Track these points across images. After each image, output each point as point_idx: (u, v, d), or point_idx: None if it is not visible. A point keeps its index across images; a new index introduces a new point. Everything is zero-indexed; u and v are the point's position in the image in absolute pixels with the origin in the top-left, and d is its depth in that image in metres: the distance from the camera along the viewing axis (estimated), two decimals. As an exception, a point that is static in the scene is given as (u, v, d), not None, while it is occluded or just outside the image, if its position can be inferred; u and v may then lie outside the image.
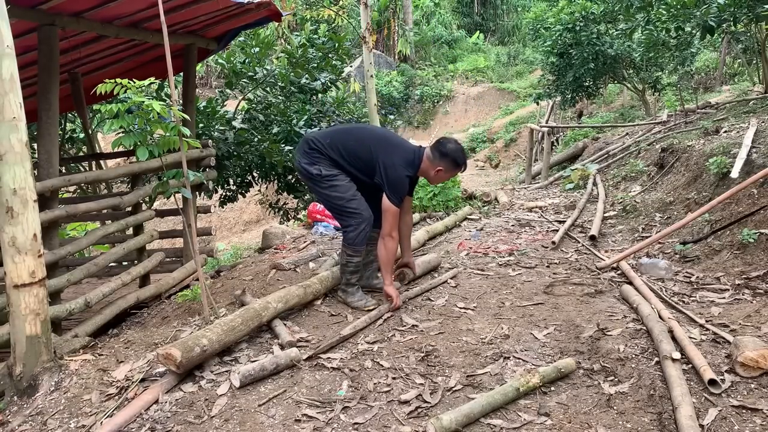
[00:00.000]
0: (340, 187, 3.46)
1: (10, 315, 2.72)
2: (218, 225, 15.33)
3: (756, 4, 5.28)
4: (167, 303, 4.85)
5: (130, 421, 2.40)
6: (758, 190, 4.17)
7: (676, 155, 6.09)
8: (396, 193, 3.39)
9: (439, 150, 3.44)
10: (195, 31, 5.53)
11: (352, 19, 14.40)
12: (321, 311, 3.48)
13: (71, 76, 6.09)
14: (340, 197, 3.46)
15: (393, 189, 3.38)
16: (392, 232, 3.44)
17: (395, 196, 3.38)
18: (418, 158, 3.48)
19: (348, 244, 3.49)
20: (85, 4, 4.17)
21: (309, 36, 8.64)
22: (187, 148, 3.40)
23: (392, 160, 3.40)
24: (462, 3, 27.12)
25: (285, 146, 7.91)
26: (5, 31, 2.58)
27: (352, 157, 3.48)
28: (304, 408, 2.43)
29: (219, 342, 2.79)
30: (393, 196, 3.38)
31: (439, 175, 3.51)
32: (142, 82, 3.19)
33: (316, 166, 3.47)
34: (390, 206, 3.39)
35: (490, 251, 4.63)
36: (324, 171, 3.47)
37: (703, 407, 2.25)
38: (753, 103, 7.65)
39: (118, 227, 5.08)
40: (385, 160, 3.39)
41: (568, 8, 10.44)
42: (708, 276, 3.72)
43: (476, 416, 2.26)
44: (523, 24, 21.21)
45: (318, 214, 5.99)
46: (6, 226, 2.63)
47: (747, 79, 11.58)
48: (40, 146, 4.17)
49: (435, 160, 3.45)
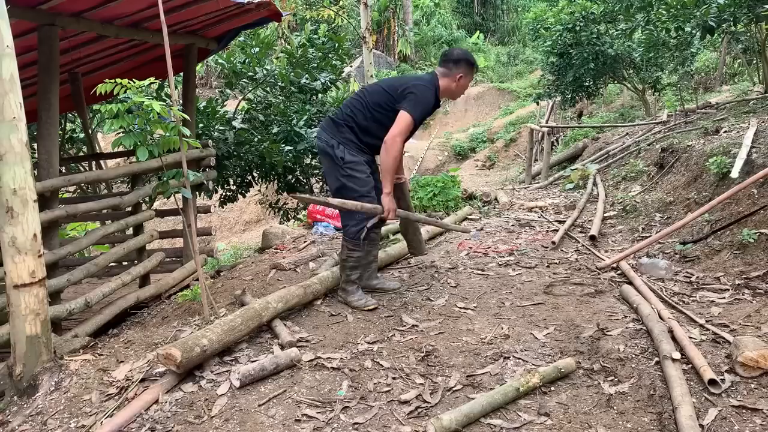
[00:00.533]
0: (358, 180, 3.39)
1: (10, 315, 2.72)
2: (218, 225, 15.33)
3: (756, 4, 5.28)
4: (167, 303, 4.85)
5: (130, 421, 2.40)
6: (758, 190, 4.17)
7: (676, 155, 6.09)
8: (417, 108, 3.31)
9: (451, 60, 3.45)
10: (195, 31, 5.53)
11: (352, 19, 14.40)
12: (321, 311, 3.48)
13: (71, 76, 6.09)
14: (354, 190, 3.39)
15: (416, 104, 3.31)
16: (398, 137, 3.29)
17: (416, 110, 3.30)
18: (435, 81, 3.45)
19: (349, 238, 3.46)
20: (85, 4, 4.17)
21: (309, 36, 8.63)
22: (187, 148, 3.40)
23: (419, 83, 3.38)
24: (462, 3, 27.12)
25: (285, 146, 7.91)
26: (5, 31, 2.58)
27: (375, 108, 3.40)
28: (304, 408, 2.43)
29: (219, 342, 2.79)
30: (414, 110, 3.30)
31: (462, 83, 3.48)
32: (142, 82, 3.19)
33: (342, 147, 3.41)
34: (406, 115, 3.30)
35: (490, 251, 4.63)
36: (348, 156, 3.39)
37: (703, 407, 2.25)
38: (753, 103, 7.65)
39: (118, 227, 5.08)
40: (412, 86, 3.35)
41: (568, 8, 10.44)
42: (708, 276, 3.72)
43: (476, 416, 2.26)
44: (523, 24, 21.20)
45: (318, 214, 5.98)
46: (6, 226, 2.63)
47: (747, 79, 11.58)
48: (40, 146, 4.17)
49: (452, 69, 3.44)
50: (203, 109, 7.84)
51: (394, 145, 3.30)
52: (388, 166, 3.32)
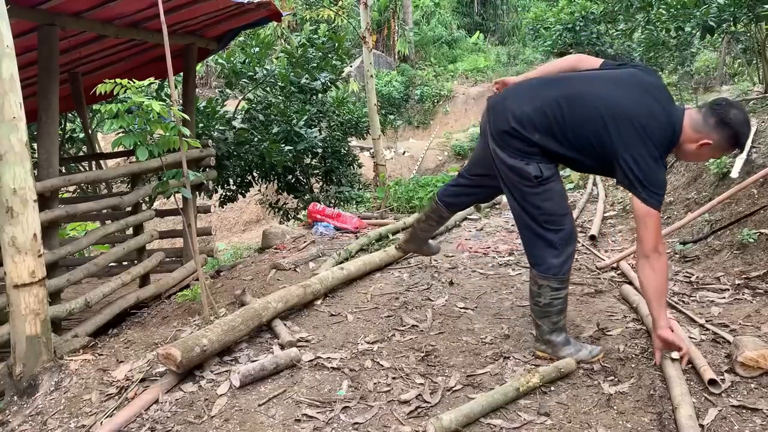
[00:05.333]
0: (557, 195, 2.54)
1: (10, 315, 2.72)
2: (218, 225, 15.33)
3: (756, 4, 5.28)
4: (167, 303, 4.85)
5: (130, 421, 2.40)
6: (758, 190, 4.17)
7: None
8: (654, 190, 2.33)
9: (718, 115, 2.35)
10: (195, 31, 5.53)
11: (352, 19, 14.39)
12: (321, 311, 3.48)
13: (71, 76, 6.09)
14: (552, 210, 2.53)
15: (649, 185, 2.32)
16: (658, 246, 2.37)
17: (653, 195, 2.33)
18: (678, 129, 2.39)
19: (552, 274, 2.55)
20: (85, 4, 4.17)
21: (309, 36, 8.64)
22: (187, 148, 3.40)
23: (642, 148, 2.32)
24: (462, 3, 27.10)
25: (285, 146, 7.91)
26: (5, 31, 2.59)
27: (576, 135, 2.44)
28: (304, 408, 2.43)
29: (219, 342, 2.79)
30: (650, 197, 2.33)
31: (702, 152, 2.43)
32: (142, 82, 3.20)
33: (534, 163, 2.48)
34: (648, 210, 2.34)
35: (490, 251, 4.63)
36: (544, 171, 2.49)
37: (703, 407, 2.25)
38: (753, 103, 7.64)
39: (118, 227, 5.08)
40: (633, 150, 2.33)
41: (568, 8, 10.45)
42: (708, 276, 3.72)
43: (476, 416, 2.26)
44: (523, 24, 21.18)
45: (318, 214, 5.97)
46: (6, 226, 2.63)
47: (747, 79, 11.57)
48: (40, 146, 4.17)
49: (705, 128, 2.37)
50: (203, 109, 7.84)
51: (658, 259, 2.37)
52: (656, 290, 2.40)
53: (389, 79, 21.45)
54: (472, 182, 3.08)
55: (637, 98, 2.40)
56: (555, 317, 2.65)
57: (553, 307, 2.62)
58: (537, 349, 2.75)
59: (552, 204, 2.53)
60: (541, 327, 2.70)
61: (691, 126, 2.39)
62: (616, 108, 2.38)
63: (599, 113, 2.39)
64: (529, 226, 2.60)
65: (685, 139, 2.41)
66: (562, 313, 2.66)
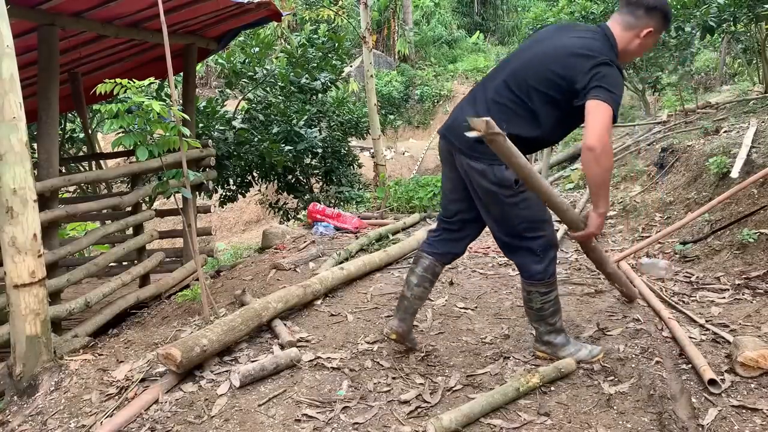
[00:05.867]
0: (534, 203, 2.51)
1: (10, 315, 2.72)
2: (218, 225, 15.32)
3: (756, 4, 5.28)
4: (167, 303, 4.85)
5: (130, 421, 2.40)
6: (758, 190, 4.17)
7: (676, 155, 6.09)
8: (612, 89, 2.30)
9: (642, 5, 2.44)
10: (195, 31, 5.53)
11: (352, 19, 14.40)
12: (321, 311, 3.48)
13: (71, 76, 6.09)
14: (533, 218, 2.53)
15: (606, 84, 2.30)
16: (605, 137, 2.28)
17: (610, 93, 2.29)
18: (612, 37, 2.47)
19: (537, 280, 2.58)
20: (85, 4, 4.17)
21: (309, 36, 8.64)
22: (187, 148, 3.40)
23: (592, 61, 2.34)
24: (462, 3, 27.10)
25: (285, 146, 7.91)
26: (5, 31, 2.59)
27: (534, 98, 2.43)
28: (304, 408, 2.43)
29: (219, 342, 2.79)
30: (607, 95, 2.28)
31: (647, 41, 2.50)
32: (142, 82, 3.20)
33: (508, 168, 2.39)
34: (602, 104, 2.27)
35: (490, 251, 4.63)
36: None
37: (703, 407, 2.25)
38: (753, 103, 7.64)
39: (118, 227, 5.08)
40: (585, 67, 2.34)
41: (568, 8, 10.45)
42: (708, 276, 3.72)
43: (476, 416, 2.26)
44: (523, 24, 21.18)
45: (318, 214, 5.97)
46: (6, 226, 2.63)
47: (747, 79, 11.57)
48: (40, 146, 4.17)
49: (638, 21, 2.45)
50: (203, 109, 7.85)
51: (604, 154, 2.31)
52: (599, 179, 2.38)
53: (389, 79, 21.45)
54: (454, 226, 2.77)
55: (564, 37, 2.53)
56: (551, 319, 2.67)
57: (546, 310, 2.65)
58: (537, 350, 2.76)
59: (531, 212, 2.52)
60: (539, 329, 2.72)
61: (623, 28, 2.49)
62: (552, 52, 2.46)
63: (544, 65, 2.44)
64: (507, 241, 2.62)
65: (626, 41, 2.49)
66: (557, 314, 2.69)
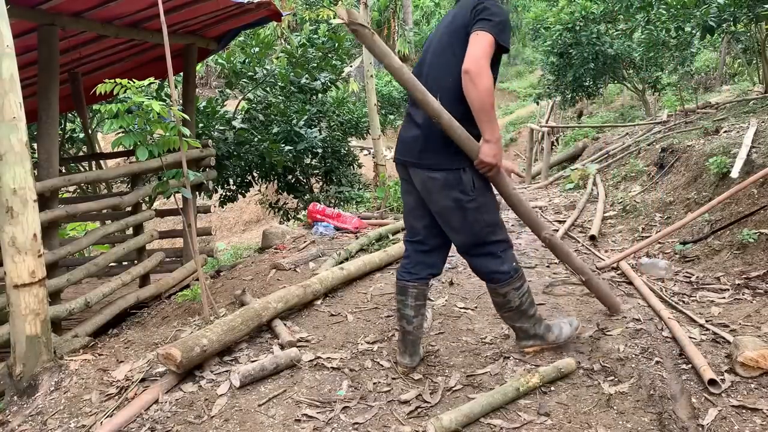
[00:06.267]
0: (491, 205, 2.52)
1: (10, 315, 2.72)
2: (218, 225, 15.33)
3: (756, 4, 5.28)
4: (167, 303, 4.85)
5: (130, 421, 2.40)
6: (758, 190, 4.17)
7: (676, 155, 6.09)
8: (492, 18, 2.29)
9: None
10: (195, 31, 5.53)
11: (352, 19, 14.38)
12: (321, 311, 3.48)
13: (71, 76, 6.09)
14: (492, 220, 2.52)
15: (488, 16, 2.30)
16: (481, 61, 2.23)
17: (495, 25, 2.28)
18: None
19: (506, 279, 2.57)
20: (85, 4, 4.17)
21: (309, 36, 8.64)
22: (187, 148, 3.40)
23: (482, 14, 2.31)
24: (462, 3, 27.11)
25: (285, 146, 7.91)
26: (5, 31, 2.59)
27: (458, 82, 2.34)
28: (304, 408, 2.43)
29: (219, 342, 2.79)
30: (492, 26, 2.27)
31: None
32: (142, 82, 3.20)
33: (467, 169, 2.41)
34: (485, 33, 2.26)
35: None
36: (476, 179, 2.44)
37: (703, 407, 2.25)
38: (753, 103, 7.64)
39: (118, 227, 5.08)
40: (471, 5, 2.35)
41: (568, 8, 10.45)
42: (708, 276, 3.72)
43: (476, 416, 2.26)
44: (523, 24, 21.20)
45: (318, 214, 5.97)
46: (6, 226, 2.63)
47: (747, 79, 11.58)
48: (40, 146, 4.18)
49: None
50: (203, 109, 7.85)
51: (482, 78, 2.23)
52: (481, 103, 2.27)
53: (389, 79, 21.43)
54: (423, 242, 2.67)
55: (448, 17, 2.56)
56: (530, 310, 2.70)
57: (525, 303, 2.67)
58: (525, 348, 2.77)
59: (491, 216, 2.52)
60: (523, 326, 2.73)
61: None
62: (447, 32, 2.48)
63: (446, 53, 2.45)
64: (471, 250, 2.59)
65: None
66: (533, 304, 2.72)
